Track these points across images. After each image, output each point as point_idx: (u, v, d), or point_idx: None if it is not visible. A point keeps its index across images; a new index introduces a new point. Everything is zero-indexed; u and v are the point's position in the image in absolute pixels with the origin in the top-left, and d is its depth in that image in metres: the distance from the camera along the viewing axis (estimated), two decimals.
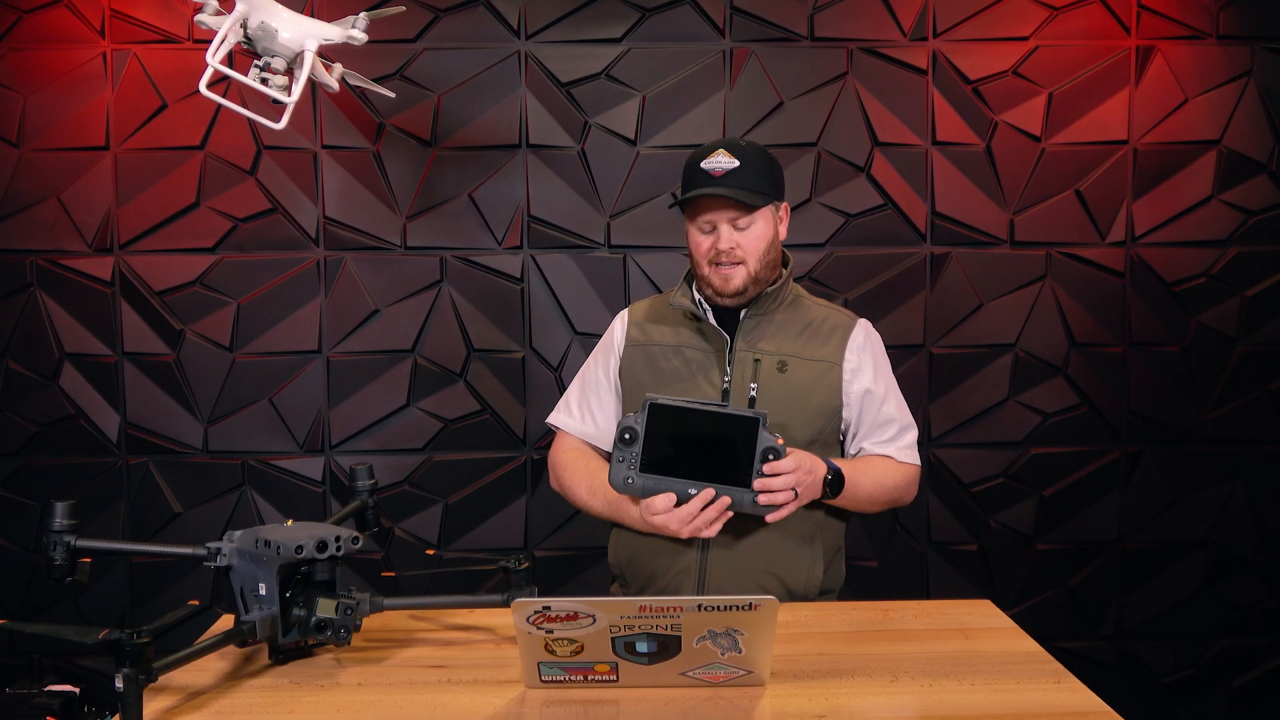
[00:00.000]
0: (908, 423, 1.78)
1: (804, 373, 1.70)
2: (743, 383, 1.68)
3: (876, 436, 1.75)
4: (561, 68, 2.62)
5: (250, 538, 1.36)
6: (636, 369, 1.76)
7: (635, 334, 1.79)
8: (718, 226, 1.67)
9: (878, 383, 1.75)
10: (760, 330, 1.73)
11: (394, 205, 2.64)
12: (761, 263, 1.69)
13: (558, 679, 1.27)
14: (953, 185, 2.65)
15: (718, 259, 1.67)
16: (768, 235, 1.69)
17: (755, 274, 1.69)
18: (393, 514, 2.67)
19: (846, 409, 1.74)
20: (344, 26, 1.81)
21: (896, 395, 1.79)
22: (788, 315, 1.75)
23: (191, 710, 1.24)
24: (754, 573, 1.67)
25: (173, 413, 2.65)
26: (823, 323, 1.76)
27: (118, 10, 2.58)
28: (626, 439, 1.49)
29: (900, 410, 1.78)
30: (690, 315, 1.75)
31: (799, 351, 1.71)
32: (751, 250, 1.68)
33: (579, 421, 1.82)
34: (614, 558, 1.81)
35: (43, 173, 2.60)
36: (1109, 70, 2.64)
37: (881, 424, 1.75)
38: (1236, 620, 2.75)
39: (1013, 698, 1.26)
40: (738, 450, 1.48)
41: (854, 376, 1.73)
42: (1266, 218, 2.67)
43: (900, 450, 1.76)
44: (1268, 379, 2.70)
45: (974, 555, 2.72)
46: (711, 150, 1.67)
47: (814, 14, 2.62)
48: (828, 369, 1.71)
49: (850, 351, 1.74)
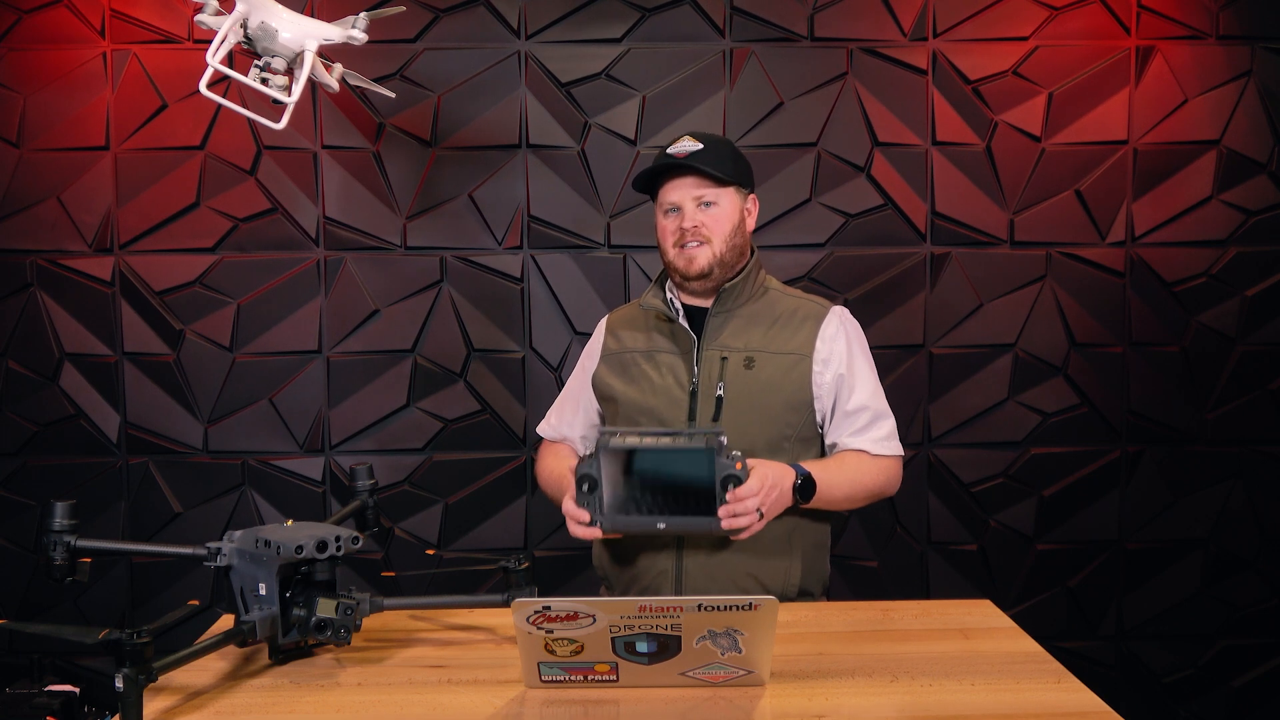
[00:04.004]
0: (881, 410, 1.72)
1: (772, 367, 1.67)
2: (710, 382, 1.67)
3: (848, 426, 1.70)
4: (561, 68, 2.62)
5: (250, 538, 1.36)
6: (610, 377, 1.78)
7: (610, 343, 1.82)
8: (682, 207, 1.69)
9: (851, 370, 1.70)
10: (728, 327, 1.71)
11: (394, 205, 2.64)
12: (727, 245, 1.69)
13: (558, 679, 1.27)
14: (953, 185, 2.65)
15: (682, 240, 1.68)
16: (733, 217, 1.70)
17: (721, 255, 1.69)
18: (393, 514, 2.67)
19: (819, 400, 1.70)
20: (344, 26, 1.81)
21: (870, 382, 1.73)
22: (757, 308, 1.73)
23: (191, 710, 1.24)
24: (731, 574, 1.66)
25: (173, 413, 2.65)
26: (794, 314, 1.73)
27: (118, 10, 2.58)
28: (585, 488, 1.48)
29: (874, 398, 1.72)
30: (662, 316, 1.75)
31: (768, 345, 1.69)
32: (716, 230, 1.68)
33: (554, 430, 1.91)
34: (597, 560, 1.82)
35: (43, 173, 2.60)
36: (1109, 70, 2.64)
37: (852, 413, 1.70)
38: (1236, 620, 2.75)
39: (1013, 698, 1.26)
40: (698, 481, 1.45)
41: (825, 367, 1.69)
42: (1266, 218, 2.67)
43: (875, 442, 1.70)
44: (1268, 379, 2.70)
45: (974, 555, 2.72)
46: (678, 138, 1.71)
47: (814, 14, 2.62)
48: (797, 362, 1.68)
49: (822, 341, 1.70)
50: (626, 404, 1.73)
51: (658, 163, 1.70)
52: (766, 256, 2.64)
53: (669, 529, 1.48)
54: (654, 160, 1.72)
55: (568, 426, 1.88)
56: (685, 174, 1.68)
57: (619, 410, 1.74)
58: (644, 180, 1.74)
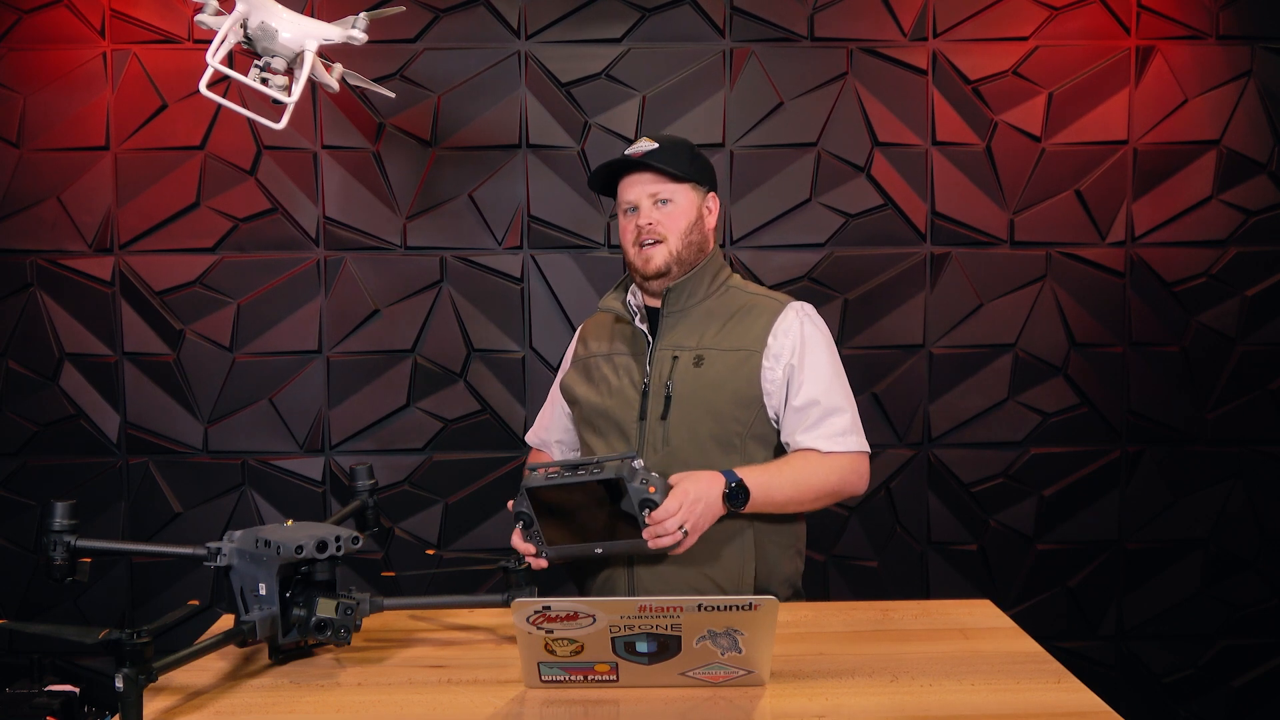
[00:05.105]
0: (834, 405, 1.65)
1: (721, 364, 1.66)
2: (660, 381, 1.68)
3: (799, 423, 1.65)
4: (561, 68, 2.62)
5: (250, 538, 1.36)
6: (575, 382, 1.82)
7: (579, 349, 1.86)
8: (639, 205, 1.71)
9: (803, 365, 1.65)
10: (681, 326, 1.71)
11: (394, 205, 2.64)
12: (684, 242, 1.70)
13: (558, 679, 1.27)
14: (953, 185, 2.65)
15: (639, 238, 1.70)
16: (689, 214, 1.71)
17: (678, 253, 1.69)
18: (393, 514, 2.67)
19: (769, 397, 1.66)
20: (344, 26, 1.81)
21: (824, 377, 1.66)
22: (713, 305, 1.73)
23: (191, 710, 1.24)
24: (684, 577, 1.65)
25: (173, 413, 2.65)
26: (749, 310, 1.70)
27: (118, 10, 2.58)
28: (524, 524, 1.55)
29: (827, 393, 1.65)
30: (621, 320, 1.77)
31: (719, 343, 1.68)
32: (671, 227, 1.69)
33: (536, 436, 1.99)
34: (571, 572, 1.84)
35: (43, 173, 2.60)
36: (1109, 70, 2.64)
37: (800, 409, 1.64)
38: (1236, 620, 2.75)
39: (1013, 698, 1.26)
40: (620, 506, 1.48)
41: (776, 362, 1.66)
42: (1266, 218, 2.67)
43: (827, 438, 1.63)
44: (1268, 379, 2.70)
45: (974, 555, 2.72)
46: (636, 140, 1.74)
47: (814, 14, 2.62)
48: (745, 358, 1.66)
49: (774, 337, 1.67)
50: (586, 406, 1.76)
51: (611, 162, 1.72)
52: (766, 256, 2.65)
53: (605, 553, 1.53)
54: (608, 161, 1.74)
55: (546, 431, 1.94)
56: (640, 173, 1.71)
57: (581, 413, 1.78)
58: (600, 180, 1.76)
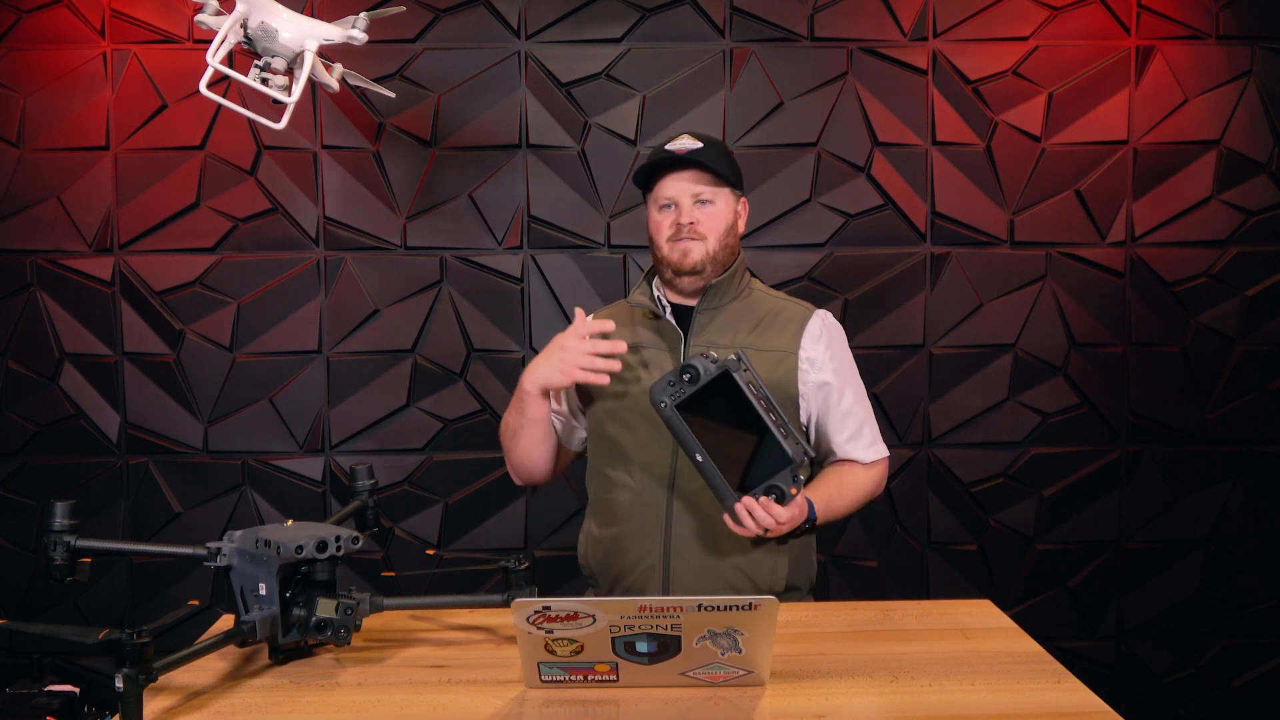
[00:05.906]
0: (867, 415, 1.77)
1: (758, 364, 1.66)
2: None
3: (838, 431, 1.74)
4: (561, 68, 2.62)
5: (250, 538, 1.36)
6: None
7: None
8: (679, 203, 1.70)
9: (837, 375, 1.74)
10: (715, 324, 1.73)
11: (394, 205, 2.64)
12: (721, 243, 1.71)
13: (558, 679, 1.27)
14: (953, 185, 2.65)
15: (678, 234, 1.70)
16: (728, 217, 1.72)
17: (714, 253, 1.70)
18: (393, 514, 2.67)
19: (804, 400, 1.72)
20: (344, 26, 1.81)
21: (855, 387, 1.77)
22: (742, 307, 1.75)
23: (191, 710, 1.24)
24: (720, 571, 1.66)
25: (173, 413, 2.65)
26: (778, 314, 1.75)
27: (118, 10, 2.58)
28: (687, 377, 1.48)
29: (859, 403, 1.76)
30: (649, 314, 1.76)
31: (753, 343, 1.71)
32: (712, 228, 1.70)
33: None
34: (583, 559, 1.83)
35: (43, 173, 2.60)
36: (1109, 70, 2.64)
37: (843, 417, 1.74)
38: (1236, 620, 2.75)
39: (1013, 698, 1.26)
40: (758, 463, 1.48)
41: (811, 367, 1.72)
42: (1266, 218, 2.67)
43: (866, 449, 1.76)
44: (1268, 379, 2.70)
45: (974, 555, 2.72)
46: (676, 136, 1.73)
47: (814, 14, 2.62)
48: (783, 358, 1.70)
49: (807, 341, 1.72)
50: (611, 399, 1.74)
51: (658, 157, 1.71)
52: (766, 256, 2.65)
53: (702, 466, 1.49)
54: (652, 155, 1.73)
55: None
56: (684, 171, 1.70)
57: (601, 407, 1.75)
58: (643, 175, 1.76)
